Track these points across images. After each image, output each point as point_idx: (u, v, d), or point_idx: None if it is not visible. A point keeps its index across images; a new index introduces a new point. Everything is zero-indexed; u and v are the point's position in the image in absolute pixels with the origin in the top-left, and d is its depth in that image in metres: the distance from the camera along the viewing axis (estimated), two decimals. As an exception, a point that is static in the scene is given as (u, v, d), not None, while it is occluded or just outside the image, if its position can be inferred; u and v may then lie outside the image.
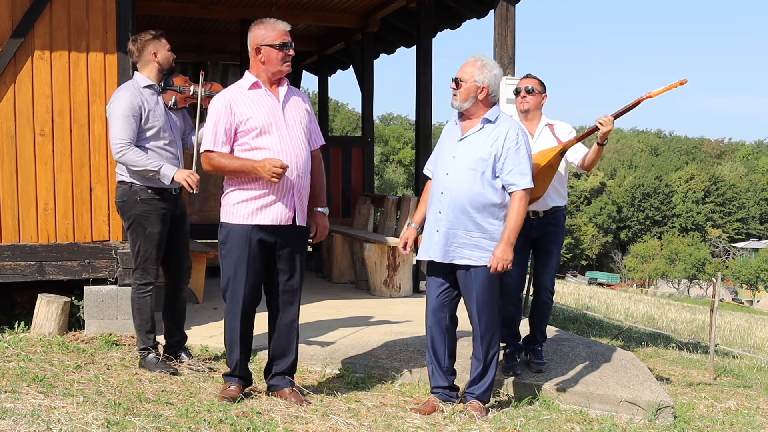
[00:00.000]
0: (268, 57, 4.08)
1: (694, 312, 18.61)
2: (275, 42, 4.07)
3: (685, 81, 4.44)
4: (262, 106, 4.07)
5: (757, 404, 5.18)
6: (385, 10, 9.41)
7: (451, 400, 4.26)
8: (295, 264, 4.19)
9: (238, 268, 4.07)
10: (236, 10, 9.52)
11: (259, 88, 4.12)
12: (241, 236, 4.05)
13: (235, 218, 4.07)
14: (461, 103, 4.15)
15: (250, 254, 4.05)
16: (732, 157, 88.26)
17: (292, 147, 4.08)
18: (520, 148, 4.09)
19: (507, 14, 6.82)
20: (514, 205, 4.08)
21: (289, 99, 4.18)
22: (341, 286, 8.57)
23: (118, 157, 4.62)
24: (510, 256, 4.04)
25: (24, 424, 3.47)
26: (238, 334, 4.16)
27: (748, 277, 53.42)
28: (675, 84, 4.42)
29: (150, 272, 4.78)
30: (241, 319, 4.13)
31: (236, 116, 4.05)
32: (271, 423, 3.75)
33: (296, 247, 4.18)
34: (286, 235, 4.12)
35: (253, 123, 4.03)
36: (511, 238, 4.05)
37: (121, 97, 4.67)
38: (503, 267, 4.03)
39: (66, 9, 5.58)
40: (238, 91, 4.12)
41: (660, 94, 4.46)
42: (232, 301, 4.12)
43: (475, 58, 4.17)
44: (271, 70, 4.10)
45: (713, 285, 6.58)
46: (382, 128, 72.85)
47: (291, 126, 4.11)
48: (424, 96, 8.71)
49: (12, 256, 5.56)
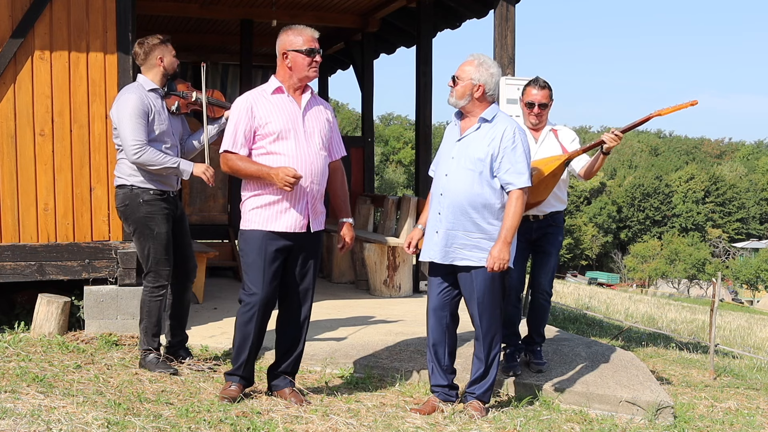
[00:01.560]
0: (295, 62, 4.10)
1: (694, 312, 18.60)
2: (302, 47, 4.09)
3: (696, 102, 4.41)
4: (283, 112, 4.10)
5: (757, 404, 5.18)
6: (385, 10, 9.41)
7: (451, 400, 4.26)
8: (309, 268, 4.25)
9: (256, 272, 4.10)
10: (236, 10, 9.52)
11: (282, 93, 4.15)
12: (257, 242, 4.09)
13: (251, 224, 4.12)
14: (457, 100, 4.16)
15: (266, 259, 4.09)
16: (732, 157, 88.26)
17: (308, 155, 4.10)
18: (516, 147, 4.08)
19: (507, 14, 6.82)
20: (511, 204, 4.08)
21: (312, 107, 4.21)
22: (341, 286, 8.58)
23: (135, 158, 4.60)
24: (507, 255, 4.03)
25: (24, 424, 3.47)
26: (252, 337, 4.16)
27: (748, 277, 53.41)
28: (686, 104, 4.40)
29: (162, 274, 4.78)
30: (257, 321, 4.14)
31: (256, 119, 4.08)
32: (271, 423, 3.75)
33: (311, 252, 4.24)
34: (300, 241, 4.16)
35: (271, 128, 4.06)
36: (508, 237, 4.04)
37: (129, 98, 4.65)
38: (500, 267, 4.03)
39: (66, 9, 5.58)
40: (261, 94, 4.15)
41: (669, 113, 4.46)
42: (248, 303, 4.13)
43: (474, 56, 4.17)
44: (297, 76, 4.13)
45: (713, 285, 6.58)
46: (382, 128, 72.89)
47: (309, 134, 4.14)
48: (424, 96, 8.71)
49: (12, 256, 5.57)
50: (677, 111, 4.43)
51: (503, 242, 4.03)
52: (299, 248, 4.17)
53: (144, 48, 4.77)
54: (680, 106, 4.41)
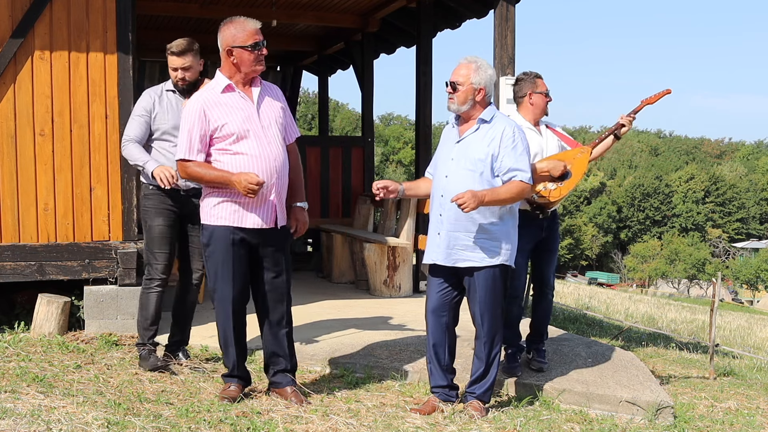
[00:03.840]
0: (241, 59, 4.02)
1: (694, 312, 18.60)
2: (246, 43, 4.01)
3: (670, 91, 5.01)
4: (237, 111, 4.03)
5: (757, 404, 5.18)
6: (385, 10, 9.41)
7: (451, 399, 4.26)
8: (280, 262, 4.17)
9: (224, 269, 4.06)
10: (236, 11, 9.43)
11: (232, 91, 4.06)
12: (224, 238, 4.04)
13: (216, 220, 4.05)
14: (459, 105, 4.14)
15: (234, 255, 4.04)
16: (732, 157, 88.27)
17: (270, 150, 4.05)
18: (517, 146, 4.09)
19: (507, 14, 6.82)
20: (510, 185, 4.04)
21: (264, 99, 4.14)
22: (341, 286, 8.57)
23: (122, 150, 4.88)
24: (474, 205, 3.89)
25: (24, 424, 3.47)
26: (231, 335, 4.15)
27: (748, 277, 53.42)
28: (662, 93, 5.01)
29: (155, 268, 4.77)
30: (233, 319, 4.12)
31: (211, 123, 4.00)
32: (271, 423, 3.75)
33: (279, 246, 4.17)
34: (268, 236, 4.11)
35: (228, 129, 4.00)
36: (487, 198, 3.94)
37: (141, 96, 4.89)
38: (462, 203, 3.88)
39: (66, 9, 5.58)
40: (212, 94, 4.06)
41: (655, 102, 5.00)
42: (222, 302, 4.11)
43: (468, 60, 4.15)
44: (244, 71, 4.05)
45: (713, 285, 6.58)
46: (382, 128, 72.88)
47: (267, 128, 4.08)
48: (424, 96, 8.71)
49: (12, 256, 5.57)
50: (659, 99, 4.99)
51: (481, 197, 3.92)
52: (267, 244, 4.11)
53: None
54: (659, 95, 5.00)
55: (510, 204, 4.12)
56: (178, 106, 4.83)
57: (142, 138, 4.77)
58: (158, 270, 4.78)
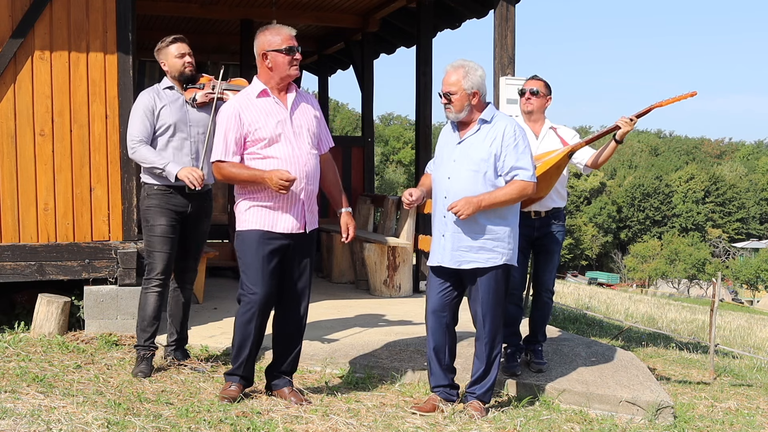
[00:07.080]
0: (275, 62, 4.10)
1: (694, 312, 18.60)
2: (281, 47, 4.09)
3: (695, 93, 4.55)
4: (270, 116, 4.10)
5: (757, 404, 5.18)
6: (385, 10, 9.41)
7: (452, 399, 4.26)
8: (305, 267, 4.25)
9: (254, 272, 4.09)
10: (236, 10, 9.52)
11: (267, 96, 4.14)
12: (254, 242, 4.09)
13: (247, 225, 4.12)
14: (457, 114, 4.14)
15: (264, 259, 4.08)
16: (732, 157, 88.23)
17: (300, 155, 4.11)
18: (518, 144, 4.09)
19: (507, 14, 6.81)
20: (510, 185, 4.06)
21: (298, 105, 4.21)
22: (341, 286, 8.57)
23: (131, 154, 4.76)
24: (470, 211, 3.97)
25: (24, 424, 3.47)
26: (252, 337, 4.16)
27: (748, 277, 53.41)
28: (685, 95, 4.54)
29: (155, 268, 4.76)
30: (258, 319, 4.14)
31: (245, 126, 4.08)
32: (271, 423, 3.75)
33: (306, 251, 4.25)
34: (297, 241, 4.17)
35: (261, 133, 4.07)
36: (484, 202, 3.99)
37: (138, 98, 4.83)
38: (456, 212, 3.96)
39: (66, 9, 5.58)
40: (247, 99, 4.15)
41: (669, 104, 4.58)
42: (249, 304, 4.12)
43: (454, 66, 4.12)
44: (279, 75, 4.12)
45: (713, 285, 6.58)
46: (382, 128, 72.86)
47: (298, 134, 4.14)
48: (424, 96, 8.71)
49: (12, 256, 5.57)
50: (677, 102, 4.56)
51: (477, 202, 3.98)
52: (296, 248, 4.18)
53: (157, 52, 4.87)
54: (679, 97, 4.54)
55: (511, 204, 4.13)
56: (179, 100, 4.82)
57: (148, 137, 4.75)
58: (158, 270, 4.77)
